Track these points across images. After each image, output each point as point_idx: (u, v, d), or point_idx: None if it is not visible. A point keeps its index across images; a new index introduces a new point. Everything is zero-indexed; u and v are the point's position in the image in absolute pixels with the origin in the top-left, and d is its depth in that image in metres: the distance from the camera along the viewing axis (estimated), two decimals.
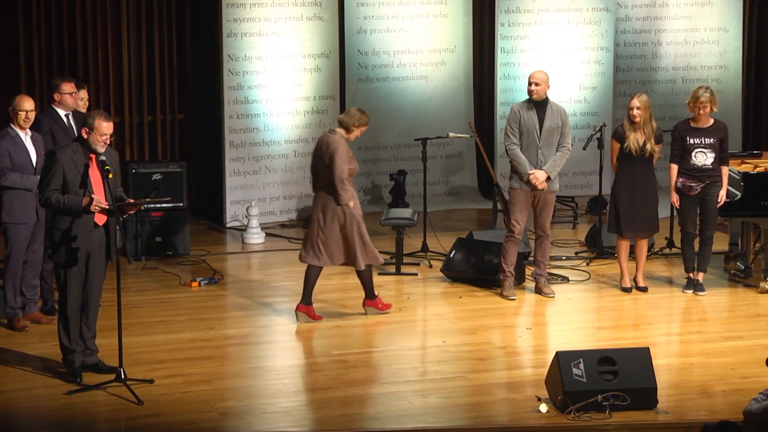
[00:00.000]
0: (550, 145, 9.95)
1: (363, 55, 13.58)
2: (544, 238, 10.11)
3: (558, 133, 9.97)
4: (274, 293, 10.33)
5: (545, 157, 9.94)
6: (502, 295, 10.07)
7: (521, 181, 9.94)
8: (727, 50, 14.45)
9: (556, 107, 10.03)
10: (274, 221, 12.90)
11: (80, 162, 7.91)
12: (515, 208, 10.00)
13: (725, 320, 9.60)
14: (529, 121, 9.92)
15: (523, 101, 10.10)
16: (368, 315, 9.57)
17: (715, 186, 10.05)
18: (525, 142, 9.94)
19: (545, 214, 10.05)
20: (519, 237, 10.04)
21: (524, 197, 9.97)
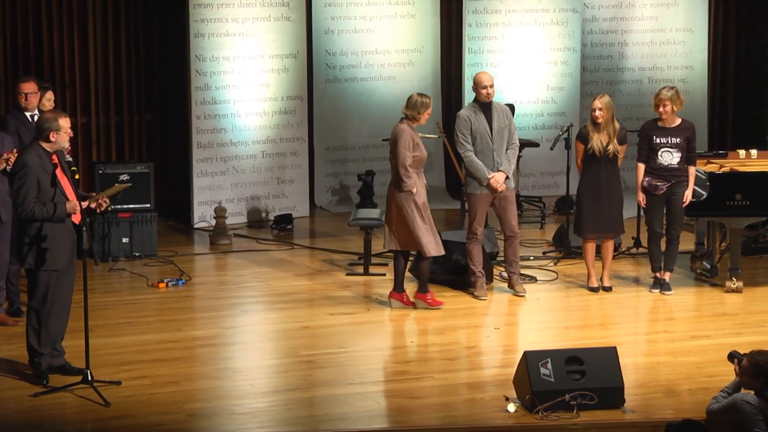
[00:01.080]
0: (501, 145, 9.98)
1: (331, 56, 13.56)
2: (513, 237, 10.13)
3: (506, 131, 10.00)
4: (243, 294, 10.30)
5: (500, 158, 9.96)
6: (473, 295, 10.08)
7: (480, 186, 9.95)
8: (693, 51, 14.53)
9: (499, 106, 10.06)
10: (241, 222, 12.86)
11: (48, 165, 7.93)
12: (476, 212, 10.01)
13: (691, 319, 9.65)
14: (480, 126, 9.93)
15: (468, 106, 10.11)
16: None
17: (681, 186, 10.10)
18: (479, 146, 9.94)
19: (510, 213, 10.06)
20: (481, 237, 10.07)
21: (484, 200, 10.00)
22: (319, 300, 10.08)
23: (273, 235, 12.48)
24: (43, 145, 7.95)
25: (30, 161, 7.89)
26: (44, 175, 7.87)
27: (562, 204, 13.13)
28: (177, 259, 11.40)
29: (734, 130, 15.34)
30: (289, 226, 12.71)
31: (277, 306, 9.96)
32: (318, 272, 11.02)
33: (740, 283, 10.28)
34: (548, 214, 13.16)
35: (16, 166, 8.04)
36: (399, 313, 9.81)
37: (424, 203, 9.66)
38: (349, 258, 11.45)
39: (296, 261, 11.45)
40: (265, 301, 10.15)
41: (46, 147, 7.95)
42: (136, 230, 11.49)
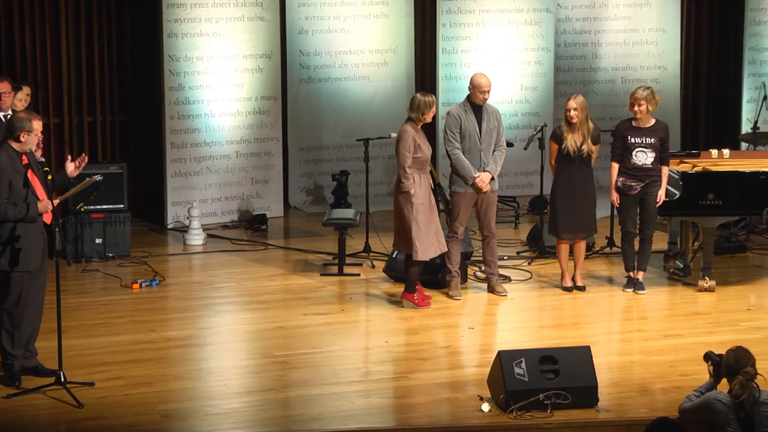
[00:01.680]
0: (489, 146, 10.02)
1: (305, 56, 13.55)
2: (490, 237, 10.15)
3: (495, 133, 10.04)
4: (216, 295, 10.28)
5: (486, 159, 10.00)
6: (448, 294, 10.09)
7: (465, 185, 9.97)
8: (666, 51, 14.59)
9: (491, 108, 10.09)
10: (215, 222, 12.83)
11: (18, 166, 7.89)
12: (459, 211, 10.03)
13: (665, 318, 9.69)
14: (469, 125, 9.96)
15: (460, 104, 10.13)
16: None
17: (655, 185, 10.13)
18: (467, 145, 9.97)
19: (490, 214, 10.09)
20: (461, 237, 10.10)
21: (468, 200, 10.02)
22: (293, 300, 10.07)
23: (247, 236, 12.45)
24: (13, 145, 7.90)
25: (1, 162, 7.84)
26: (16, 175, 7.83)
27: (536, 204, 13.15)
28: (150, 259, 11.36)
29: (707, 130, 15.40)
30: (264, 226, 12.68)
31: (251, 306, 9.94)
32: (292, 272, 11.01)
33: (713, 282, 10.32)
34: (522, 214, 13.19)
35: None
36: (374, 312, 9.80)
37: (425, 204, 9.68)
38: (323, 258, 11.44)
39: (270, 261, 11.43)
40: (239, 301, 10.13)
41: (16, 147, 7.90)
42: (109, 231, 11.44)
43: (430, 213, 9.73)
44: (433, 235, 9.72)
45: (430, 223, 9.71)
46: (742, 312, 9.82)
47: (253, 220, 12.74)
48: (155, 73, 12.68)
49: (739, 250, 11.68)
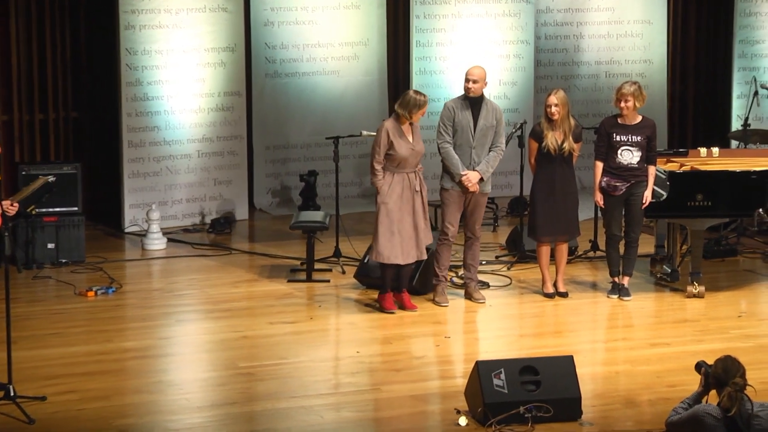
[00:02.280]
0: (483, 144, 10.01)
1: (270, 49, 13.54)
2: (473, 240, 10.17)
3: (492, 132, 10.04)
4: (177, 302, 10.25)
5: (478, 157, 10.00)
6: (434, 301, 10.11)
7: (453, 182, 9.99)
8: (652, 44, 14.65)
9: (491, 105, 10.09)
10: (176, 226, 12.80)
11: None
12: (448, 209, 10.05)
13: (651, 326, 9.72)
14: (463, 120, 9.97)
15: (457, 98, 10.14)
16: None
17: (641, 186, 10.16)
18: (458, 141, 9.99)
19: (476, 216, 10.11)
20: (453, 240, 10.11)
21: (457, 198, 10.03)
22: (258, 308, 10.06)
23: (209, 240, 12.43)
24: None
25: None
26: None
27: (515, 205, 13.19)
28: (106, 265, 11.32)
29: (695, 127, 15.48)
30: (227, 229, 12.66)
31: (214, 315, 9.92)
32: (258, 279, 10.99)
33: (702, 287, 10.36)
34: (501, 216, 13.21)
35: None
36: (345, 321, 9.80)
37: (397, 206, 9.70)
38: (290, 263, 11.43)
39: (234, 267, 11.41)
40: (201, 309, 10.11)
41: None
42: (62, 235, 11.40)
43: (401, 217, 9.74)
44: (397, 241, 9.73)
45: (396, 227, 9.71)
46: (733, 319, 9.86)
47: (216, 223, 12.72)
48: (111, 68, 12.63)
49: (730, 253, 11.74)
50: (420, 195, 9.81)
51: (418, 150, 9.79)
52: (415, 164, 9.81)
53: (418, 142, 9.81)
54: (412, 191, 9.78)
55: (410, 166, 9.78)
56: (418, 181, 9.81)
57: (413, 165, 9.79)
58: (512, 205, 13.41)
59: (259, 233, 12.87)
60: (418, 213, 9.81)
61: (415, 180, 9.81)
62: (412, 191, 9.78)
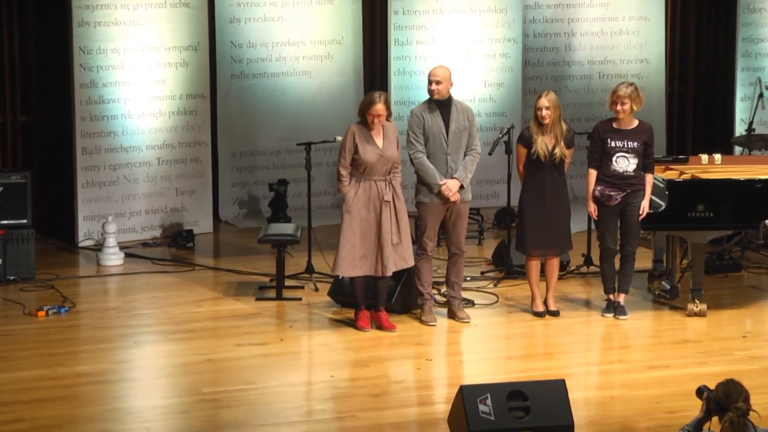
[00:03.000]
0: (458, 149, 10.02)
1: (237, 48, 13.53)
2: (458, 255, 10.17)
3: (466, 135, 10.05)
4: (135, 323, 10.23)
5: (455, 164, 10.00)
6: (421, 320, 10.12)
7: (431, 194, 9.98)
8: (649, 42, 14.70)
9: (461, 106, 10.10)
10: (134, 239, 12.77)
11: None
12: (426, 223, 10.04)
13: (649, 347, 9.74)
14: (434, 125, 9.97)
15: (423, 103, 10.14)
16: (257, 345, 9.56)
17: (637, 195, 10.18)
18: (431, 148, 9.99)
19: (459, 228, 10.11)
20: (432, 253, 10.12)
21: (436, 211, 10.03)
22: (224, 329, 10.04)
23: (170, 255, 12.40)
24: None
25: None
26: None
27: (502, 217, 13.19)
28: (58, 283, 11.28)
29: (696, 132, 15.53)
30: (190, 243, 12.64)
31: (176, 336, 9.90)
32: (223, 297, 10.97)
33: (704, 305, 10.39)
34: (487, 229, 13.22)
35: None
36: (318, 342, 9.79)
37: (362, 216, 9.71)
38: (259, 280, 11.42)
39: (198, 284, 11.39)
40: (162, 330, 10.08)
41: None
42: (10, 250, 11.36)
43: (365, 228, 9.73)
44: (357, 254, 9.73)
45: (358, 239, 9.71)
46: (737, 339, 9.89)
47: (178, 236, 12.69)
48: (64, 68, 12.60)
49: (733, 268, 11.76)
50: (392, 206, 9.78)
51: (388, 156, 9.77)
52: (385, 172, 9.79)
53: (389, 147, 9.78)
54: (381, 201, 9.76)
55: (379, 174, 9.77)
56: (390, 191, 9.79)
57: (383, 172, 9.78)
58: (499, 216, 13.42)
59: (224, 247, 12.84)
60: (386, 226, 9.77)
61: (385, 189, 9.79)
62: (381, 201, 9.76)
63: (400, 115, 13.43)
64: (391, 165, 9.80)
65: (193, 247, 12.62)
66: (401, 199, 9.89)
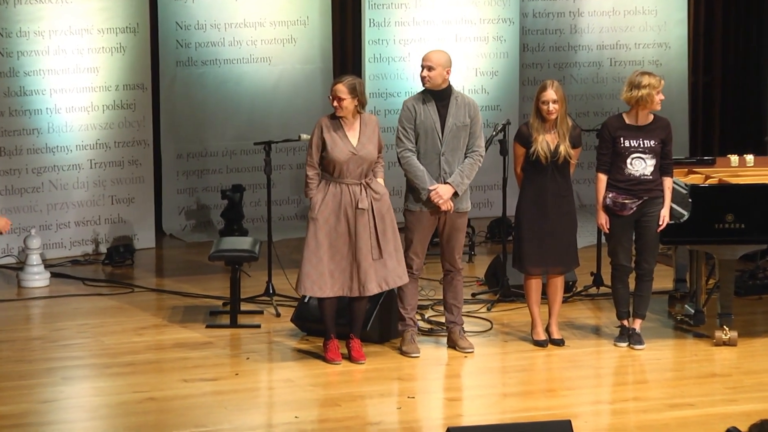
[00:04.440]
0: (454, 150, 10.01)
1: (183, 30, 13.52)
2: (454, 274, 10.18)
3: (465, 133, 10.04)
4: (63, 355, 10.20)
5: (450, 167, 10.00)
6: (401, 350, 10.12)
7: (419, 201, 9.98)
8: (668, 23, 14.74)
9: (462, 99, 10.08)
10: (63, 256, 12.75)
11: None
12: (414, 236, 10.04)
13: (670, 382, 9.75)
14: (426, 120, 9.96)
15: (417, 94, 10.12)
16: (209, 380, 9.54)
17: (656, 203, 10.20)
18: (422, 146, 9.98)
19: (454, 243, 10.11)
20: (418, 272, 10.13)
21: (425, 222, 10.02)
22: (169, 362, 10.02)
23: (105, 274, 12.38)
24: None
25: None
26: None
27: (496, 228, 13.21)
28: None
29: (723, 129, 15.57)
30: (129, 261, 12.62)
31: (112, 371, 9.87)
32: (168, 324, 10.95)
33: (733, 333, 10.41)
34: (479, 243, 13.23)
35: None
36: (280, 377, 9.77)
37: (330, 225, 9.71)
38: (210, 304, 11.40)
39: (138, 308, 11.36)
40: (95, 364, 10.06)
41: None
42: None
43: (334, 239, 9.72)
44: (324, 270, 9.73)
45: (326, 252, 9.71)
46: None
47: (115, 252, 12.67)
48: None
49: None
50: (369, 215, 9.77)
51: (363, 155, 9.76)
52: (360, 174, 9.79)
53: (366, 145, 9.77)
54: (354, 208, 9.76)
55: (352, 176, 9.77)
56: (366, 197, 9.78)
57: (357, 175, 9.78)
58: (493, 228, 13.44)
59: (169, 265, 12.82)
60: (363, 237, 9.77)
61: (360, 194, 9.78)
62: (354, 208, 9.76)
63: (376, 109, 13.45)
64: (367, 166, 9.78)
65: (132, 265, 12.59)
66: (386, 204, 9.85)
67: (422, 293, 10.99)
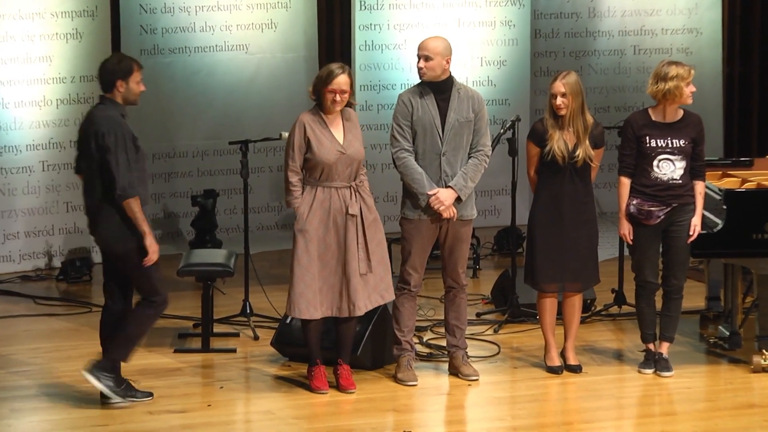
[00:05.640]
0: (456, 149, 10.02)
1: (149, 14, 13.53)
2: (457, 290, 10.19)
3: (469, 130, 10.05)
4: (11, 384, 10.20)
5: (452, 168, 10.01)
6: (396, 378, 10.13)
7: (418, 208, 9.98)
8: (700, 5, 14.77)
9: (464, 92, 10.08)
10: (11, 272, 12.77)
11: None
12: (411, 248, 10.04)
13: (702, 414, 9.77)
14: (425, 115, 9.97)
15: (414, 87, 10.11)
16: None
17: (686, 211, 10.22)
18: (421, 146, 9.99)
19: (457, 255, 10.11)
20: (416, 290, 10.12)
21: (425, 232, 10.02)
22: None
23: (60, 292, 12.39)
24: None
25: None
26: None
27: (505, 239, 13.22)
28: None
29: (762, 127, 15.59)
30: (86, 276, 12.63)
31: (67, 402, 9.87)
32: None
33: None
34: (485, 255, 13.24)
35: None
36: (258, 409, 9.78)
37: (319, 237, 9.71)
38: (179, 326, 11.41)
39: (97, 331, 11.35)
40: (48, 393, 10.05)
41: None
42: None
43: (325, 253, 9.73)
44: (316, 288, 9.73)
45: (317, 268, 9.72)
46: None
47: (70, 267, 12.67)
48: None
49: None
50: (359, 222, 9.79)
51: (351, 154, 9.76)
52: (349, 175, 9.80)
53: (353, 143, 9.78)
54: (344, 215, 9.76)
55: (341, 178, 9.77)
56: (357, 201, 9.79)
57: (346, 176, 9.78)
58: (500, 238, 13.45)
59: None
60: (351, 248, 9.77)
61: (350, 198, 9.79)
62: (344, 215, 9.76)
63: (368, 104, 13.48)
64: (356, 167, 9.79)
65: (90, 282, 12.60)
66: (373, 212, 9.87)
67: (420, 313, 11.00)
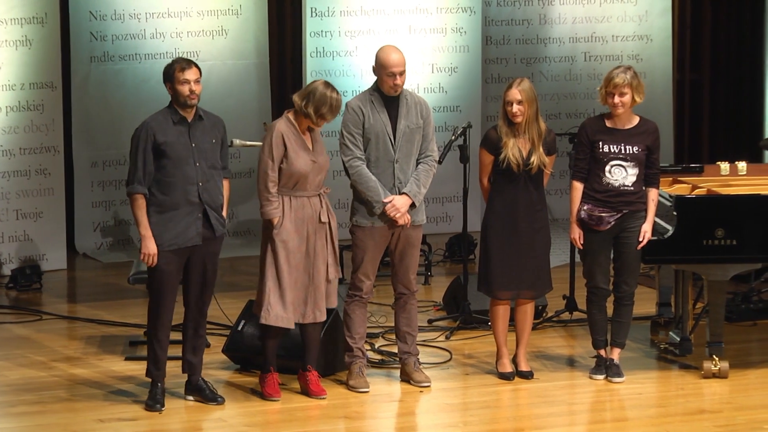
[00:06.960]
0: (408, 156, 10.03)
1: (99, 21, 13.50)
2: (408, 296, 10.20)
3: (419, 136, 10.07)
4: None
5: (404, 175, 10.02)
6: (348, 385, 10.13)
7: (371, 216, 9.99)
8: (651, 12, 14.81)
9: (412, 98, 10.11)
10: None
11: None
12: (364, 255, 10.04)
13: (653, 420, 9.79)
14: (376, 123, 9.98)
15: (362, 93, 10.13)
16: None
17: (637, 217, 10.24)
18: (373, 154, 10.00)
19: (408, 261, 10.12)
20: (368, 297, 10.13)
21: (378, 238, 10.03)
22: (83, 399, 9.99)
23: (10, 299, 12.36)
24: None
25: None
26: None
27: (456, 246, 13.24)
28: None
29: (713, 134, 15.64)
30: (36, 284, 12.59)
31: (17, 409, 9.84)
32: (81, 356, 10.93)
33: (724, 363, 10.46)
34: (436, 262, 13.24)
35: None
36: (210, 416, 9.76)
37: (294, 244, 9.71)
38: (130, 333, 11.39)
39: (47, 338, 11.34)
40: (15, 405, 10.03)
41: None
42: None
43: (298, 261, 9.76)
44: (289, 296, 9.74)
45: (292, 275, 9.73)
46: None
47: (20, 274, 12.64)
48: None
49: (764, 314, 11.86)
50: (327, 228, 9.82)
51: (321, 163, 9.80)
52: (318, 184, 9.83)
53: (321, 151, 9.83)
54: (316, 222, 9.79)
55: (312, 187, 9.79)
56: (324, 209, 9.82)
57: (316, 185, 9.81)
58: (452, 245, 13.46)
59: (83, 289, 12.78)
60: (321, 254, 9.81)
61: (320, 206, 9.82)
62: (316, 222, 9.79)
63: None
64: (324, 174, 9.83)
65: (40, 290, 12.56)
66: (334, 218, 9.91)
67: (372, 320, 11.01)
